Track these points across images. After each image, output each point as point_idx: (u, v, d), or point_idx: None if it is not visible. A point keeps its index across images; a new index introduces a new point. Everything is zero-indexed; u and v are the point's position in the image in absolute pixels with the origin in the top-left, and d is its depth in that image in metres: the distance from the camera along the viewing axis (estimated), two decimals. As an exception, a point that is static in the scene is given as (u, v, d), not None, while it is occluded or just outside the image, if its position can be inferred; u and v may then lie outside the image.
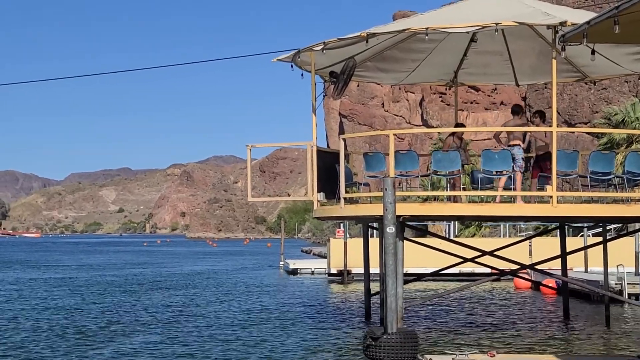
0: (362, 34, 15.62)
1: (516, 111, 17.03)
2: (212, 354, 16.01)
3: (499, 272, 20.13)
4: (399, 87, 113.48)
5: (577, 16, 15.02)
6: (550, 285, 26.91)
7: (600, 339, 17.81)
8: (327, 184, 16.84)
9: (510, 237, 42.67)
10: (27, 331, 19.77)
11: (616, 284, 24.64)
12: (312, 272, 44.09)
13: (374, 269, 19.90)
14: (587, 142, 56.19)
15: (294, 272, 44.86)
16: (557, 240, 21.64)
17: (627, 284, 24.58)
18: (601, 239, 20.36)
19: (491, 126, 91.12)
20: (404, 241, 15.24)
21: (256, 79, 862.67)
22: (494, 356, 12.91)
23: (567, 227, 23.30)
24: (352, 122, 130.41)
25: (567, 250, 20.30)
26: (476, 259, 19.52)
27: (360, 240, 25.41)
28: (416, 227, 21.89)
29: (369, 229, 20.77)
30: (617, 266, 24.40)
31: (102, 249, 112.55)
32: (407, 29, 15.68)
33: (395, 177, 14.69)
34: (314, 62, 17.04)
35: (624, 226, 31.04)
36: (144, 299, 28.77)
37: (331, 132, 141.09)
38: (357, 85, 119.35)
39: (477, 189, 16.32)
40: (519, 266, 19.53)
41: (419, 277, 23.23)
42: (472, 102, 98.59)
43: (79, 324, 21.10)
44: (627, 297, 23.67)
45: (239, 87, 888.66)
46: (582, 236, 33.02)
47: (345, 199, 16.14)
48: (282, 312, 23.77)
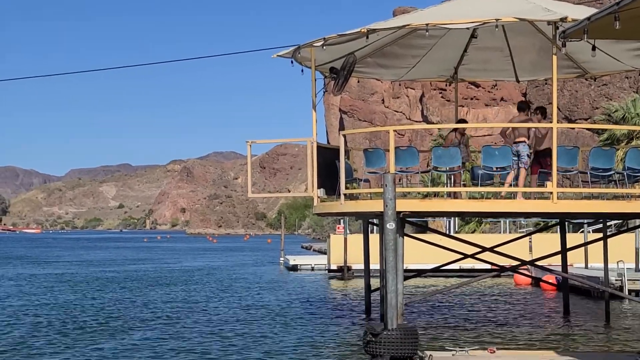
0: (362, 30, 15.60)
1: (522, 107, 17.00)
2: (212, 350, 16.01)
3: (499, 268, 20.10)
4: (399, 83, 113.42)
5: (578, 12, 15.00)
6: (550, 281, 26.94)
7: (600, 335, 17.82)
8: (328, 180, 16.83)
9: (510, 233, 42.64)
10: (27, 327, 19.77)
11: (616, 280, 24.64)
12: (312, 268, 44.10)
13: (374, 265, 19.91)
14: (588, 138, 56.16)
15: (294, 268, 44.87)
16: (558, 236, 21.65)
17: (628, 280, 24.58)
18: (601, 235, 20.36)
19: (491, 122, 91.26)
20: (404, 237, 15.23)
21: (256, 75, 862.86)
22: (494, 352, 12.90)
23: (567, 223, 23.31)
24: (352, 118, 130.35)
25: (568, 246, 20.30)
26: (476, 255, 19.52)
27: (360, 236, 25.43)
28: (416, 224, 21.86)
29: (369, 225, 20.77)
30: (618, 262, 24.40)
31: (102, 244, 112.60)
32: (408, 25, 15.67)
33: (395, 173, 14.67)
34: (314, 58, 17.02)
35: (624, 222, 31.03)
36: (144, 295, 28.78)
37: (331, 128, 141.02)
38: (357, 81, 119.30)
39: (477, 185, 16.31)
40: (519, 262, 19.53)
41: (419, 273, 23.28)
42: (472, 98, 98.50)
43: (79, 320, 21.10)
44: (627, 293, 23.65)
45: (239, 83, 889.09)
46: (582, 232, 33.01)
47: (345, 195, 16.14)
48: (282, 308, 23.77)
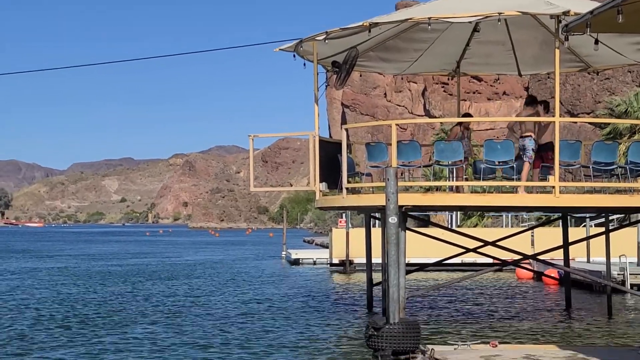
0: (364, 24, 15.58)
1: (530, 102, 16.98)
2: (214, 343, 16.03)
3: (501, 262, 20.11)
4: (401, 77, 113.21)
5: (581, 6, 14.96)
6: (552, 275, 26.94)
7: (602, 329, 17.82)
8: (330, 174, 16.82)
9: (512, 227, 42.64)
10: (29, 320, 19.80)
11: (618, 274, 24.65)
12: (314, 262, 44.11)
13: (376, 259, 19.91)
14: (590, 133, 56.11)
15: (296, 262, 44.88)
16: (560, 230, 21.63)
17: (630, 274, 24.59)
18: (603, 229, 20.35)
19: (493, 116, 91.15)
20: (406, 231, 15.23)
21: (259, 69, 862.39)
22: (496, 346, 12.91)
23: (569, 217, 23.29)
24: (354, 112, 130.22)
25: (570, 240, 20.29)
26: (478, 249, 19.52)
27: (362, 230, 25.42)
28: (418, 217, 21.86)
29: (371, 219, 20.76)
30: (620, 256, 24.40)
31: (105, 238, 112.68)
32: (410, 19, 15.65)
33: (397, 167, 14.67)
34: (317, 52, 17.00)
35: (626, 216, 31.02)
36: (146, 289, 28.81)
37: (333, 122, 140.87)
38: (360, 75, 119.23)
39: (479, 179, 16.30)
40: (521, 256, 19.53)
41: (421, 267, 23.25)
42: (474, 92, 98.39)
43: (81, 314, 21.13)
44: (629, 287, 23.67)
45: (241, 77, 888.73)
46: (584, 226, 33.01)
47: (347, 189, 16.13)
48: (284, 302, 23.79)
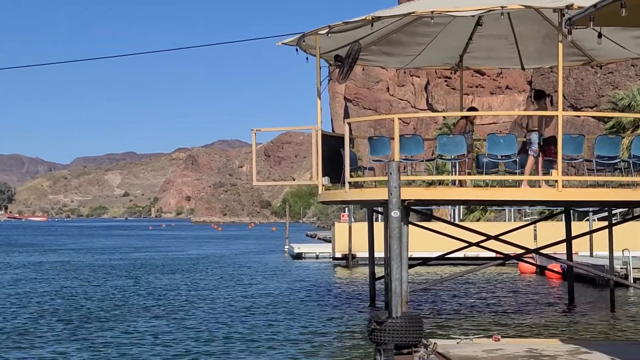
0: (367, 18, 15.54)
1: (539, 96, 16.96)
2: (217, 337, 16.04)
3: (504, 256, 20.09)
4: (404, 71, 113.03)
5: (584, -1, 14.91)
6: (555, 269, 26.91)
7: (605, 323, 17.81)
8: (332, 168, 16.80)
9: (515, 221, 42.60)
10: (32, 314, 19.83)
11: (621, 268, 24.63)
12: (317, 257, 44.12)
13: (379, 253, 19.90)
14: (593, 126, 55.96)
15: (299, 256, 44.90)
16: (563, 224, 21.61)
17: (633, 268, 24.57)
18: (606, 223, 20.32)
19: (496, 110, 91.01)
20: (409, 225, 15.22)
21: (261, 63, 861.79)
22: (499, 340, 12.90)
23: (572, 211, 23.25)
24: (357, 107, 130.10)
25: (573, 234, 20.26)
26: (481, 244, 19.49)
27: (364, 224, 25.41)
28: (421, 211, 21.88)
29: (374, 213, 20.75)
30: (623, 250, 24.38)
31: (108, 232, 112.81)
32: (413, 13, 15.59)
33: (400, 161, 14.65)
34: (319, 46, 16.96)
35: (629, 210, 30.95)
36: (149, 283, 28.84)
37: (336, 116, 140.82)
38: (362, 69, 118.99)
39: (482, 174, 16.27)
40: (524, 250, 19.51)
41: (423, 262, 23.24)
42: (477, 86, 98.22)
43: (84, 308, 21.15)
44: (632, 281, 23.65)
45: (244, 71, 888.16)
46: (587, 220, 32.98)
47: (350, 183, 16.11)
48: (287, 297, 23.80)
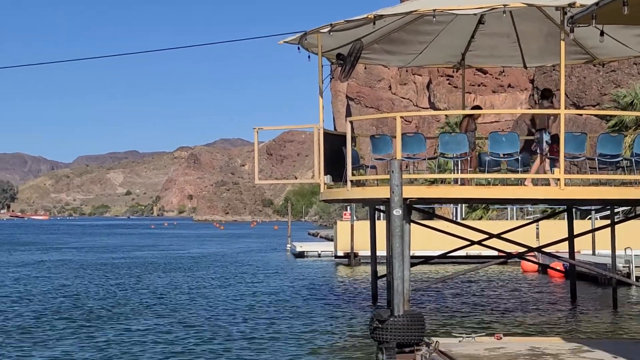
0: (369, 16, 15.53)
1: (546, 95, 16.93)
2: (219, 336, 16.04)
3: (506, 255, 20.07)
4: (406, 70, 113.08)
5: (586, -3, 14.90)
6: (557, 268, 26.88)
7: (607, 322, 17.80)
8: (334, 167, 16.79)
9: (517, 220, 42.58)
10: (34, 313, 19.84)
11: (624, 267, 24.60)
12: (319, 255, 44.14)
13: (381, 252, 19.89)
14: (596, 125, 55.91)
15: (301, 254, 44.90)
16: (565, 223, 21.59)
17: (635, 266, 24.53)
18: (609, 221, 20.30)
19: (498, 109, 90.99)
20: (411, 224, 15.21)
21: (263, 62, 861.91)
22: (501, 338, 12.89)
23: (574, 209, 23.24)
24: (359, 105, 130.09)
25: (575, 233, 20.25)
26: (483, 242, 19.48)
27: (367, 223, 25.39)
28: (423, 210, 21.87)
29: (376, 212, 20.74)
30: (625, 249, 24.35)
31: (110, 231, 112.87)
32: (415, 11, 15.57)
33: (402, 160, 14.64)
34: (321, 45, 16.95)
35: (632, 209, 30.96)
36: (151, 282, 28.85)
37: (338, 114, 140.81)
38: (364, 67, 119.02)
39: (484, 172, 16.26)
40: (526, 249, 19.49)
41: (426, 260, 23.24)
42: (479, 85, 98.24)
43: (86, 306, 21.16)
44: (634, 279, 23.63)
45: (246, 69, 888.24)
46: (589, 219, 32.95)
47: (352, 181, 16.11)
48: (289, 295, 23.81)
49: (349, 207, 44.36)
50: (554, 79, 65.53)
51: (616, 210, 28.41)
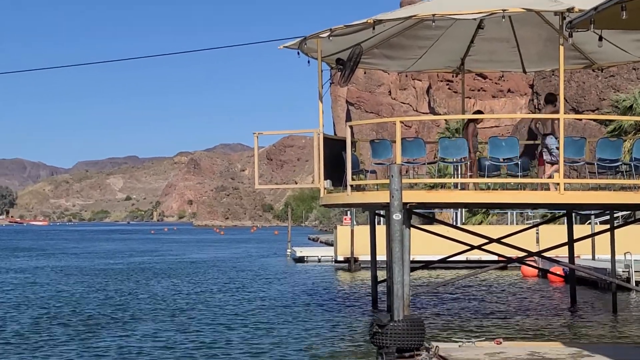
0: (368, 21, 15.56)
1: (550, 100, 16.94)
2: (219, 341, 16.03)
3: (506, 259, 20.07)
4: (405, 75, 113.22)
5: (585, 2, 14.91)
6: (557, 272, 26.90)
7: (607, 327, 17.79)
8: (334, 172, 16.82)
9: (517, 224, 42.57)
10: (33, 318, 19.83)
11: (623, 272, 24.58)
12: (319, 260, 44.12)
13: (381, 257, 19.91)
14: (595, 130, 55.94)
15: (301, 259, 44.89)
16: (565, 227, 21.61)
17: (635, 271, 24.50)
18: (609, 226, 20.30)
19: (498, 114, 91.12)
20: (411, 228, 15.22)
21: (263, 67, 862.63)
22: (501, 343, 12.89)
23: (574, 214, 23.24)
24: (359, 110, 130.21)
25: (575, 237, 20.26)
26: (483, 247, 19.49)
27: (367, 227, 25.41)
28: (423, 215, 21.85)
29: (376, 217, 20.75)
30: (625, 254, 24.33)
31: (110, 236, 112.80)
32: (414, 16, 15.61)
33: (402, 164, 14.66)
34: (321, 49, 16.98)
35: (631, 213, 30.96)
36: (150, 287, 28.83)
37: (338, 119, 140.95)
38: (364, 72, 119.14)
39: (484, 176, 16.28)
40: (526, 254, 19.50)
41: (425, 265, 23.27)
42: (479, 90, 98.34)
43: (85, 312, 21.15)
44: (634, 284, 23.59)
45: (246, 74, 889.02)
46: (589, 224, 32.94)
47: (352, 186, 16.13)
48: (289, 300, 23.79)
49: (349, 212, 44.37)
50: (553, 84, 65.59)
51: (616, 215, 28.41)
